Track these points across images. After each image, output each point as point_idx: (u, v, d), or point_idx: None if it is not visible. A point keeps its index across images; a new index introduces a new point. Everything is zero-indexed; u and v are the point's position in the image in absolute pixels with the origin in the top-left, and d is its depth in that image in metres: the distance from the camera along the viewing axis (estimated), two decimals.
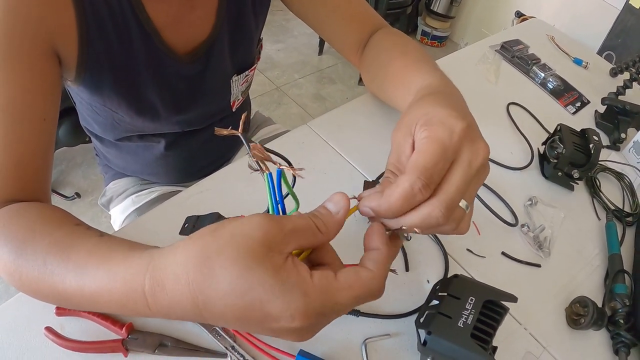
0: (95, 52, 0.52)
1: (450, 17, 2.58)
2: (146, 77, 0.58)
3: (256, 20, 0.67)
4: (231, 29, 0.63)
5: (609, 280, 0.58)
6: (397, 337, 0.47)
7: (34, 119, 0.47)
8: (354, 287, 0.30)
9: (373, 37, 0.67)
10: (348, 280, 0.30)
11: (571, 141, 0.66)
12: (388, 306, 0.49)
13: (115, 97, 0.58)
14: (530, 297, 0.54)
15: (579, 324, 0.52)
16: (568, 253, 0.60)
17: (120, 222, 0.85)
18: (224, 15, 0.61)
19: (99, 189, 1.74)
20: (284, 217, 0.31)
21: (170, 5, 0.55)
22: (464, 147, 0.34)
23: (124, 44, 0.53)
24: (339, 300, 0.30)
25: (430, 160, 0.32)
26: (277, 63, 2.41)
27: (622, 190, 0.73)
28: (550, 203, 0.65)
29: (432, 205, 0.32)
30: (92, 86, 0.56)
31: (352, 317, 0.47)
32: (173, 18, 0.56)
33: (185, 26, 0.58)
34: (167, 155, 0.77)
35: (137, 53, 0.55)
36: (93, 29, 0.50)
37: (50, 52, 0.48)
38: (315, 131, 0.65)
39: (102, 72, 0.54)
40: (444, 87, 0.47)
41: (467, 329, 0.38)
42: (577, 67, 0.96)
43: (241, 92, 0.75)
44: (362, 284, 0.31)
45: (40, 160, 0.49)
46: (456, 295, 0.40)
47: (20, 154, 0.46)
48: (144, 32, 0.54)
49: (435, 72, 0.53)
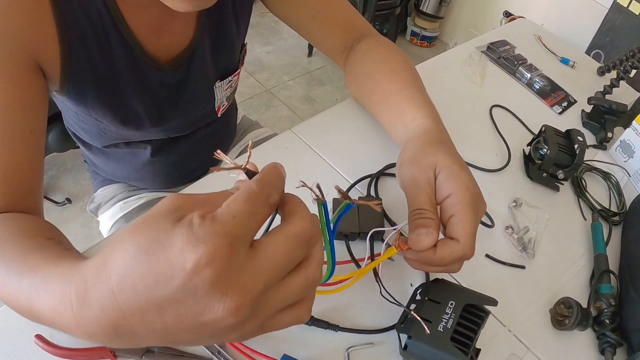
0: (78, 64, 0.52)
1: (439, 17, 2.59)
2: (129, 87, 0.58)
3: (237, 25, 0.67)
4: (212, 35, 0.63)
5: (595, 280, 0.58)
6: (381, 345, 0.46)
7: (20, 132, 0.47)
8: (237, 196, 0.27)
9: (360, 46, 0.67)
10: (229, 198, 0.27)
11: (555, 142, 0.66)
12: (371, 318, 0.48)
13: (100, 108, 0.58)
14: (515, 299, 0.54)
15: (564, 325, 0.52)
16: (553, 254, 0.60)
17: (108, 228, 0.85)
18: (204, 22, 0.61)
19: (90, 194, 1.72)
20: (199, 194, 0.29)
21: (150, 14, 0.55)
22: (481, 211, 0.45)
23: (105, 55, 0.53)
24: (232, 211, 0.26)
25: (473, 229, 0.42)
26: (266, 65, 2.41)
27: (608, 190, 0.73)
28: (535, 204, 0.65)
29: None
30: (76, 97, 0.56)
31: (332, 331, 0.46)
32: (154, 27, 0.56)
33: (167, 34, 0.58)
34: (153, 161, 0.77)
35: (119, 63, 0.55)
36: (74, 41, 0.50)
37: (33, 65, 0.48)
38: (300, 136, 0.65)
39: (85, 84, 0.54)
40: (438, 129, 0.54)
41: (447, 333, 0.38)
42: (564, 66, 0.96)
43: (226, 97, 0.74)
44: (241, 191, 0.27)
45: (29, 172, 0.49)
46: (436, 299, 0.40)
47: (6, 167, 0.46)
48: (125, 43, 0.54)
49: (426, 104, 0.57)
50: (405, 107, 0.57)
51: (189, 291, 0.25)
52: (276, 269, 0.27)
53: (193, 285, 0.25)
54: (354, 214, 0.52)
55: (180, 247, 0.25)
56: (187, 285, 0.25)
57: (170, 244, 0.25)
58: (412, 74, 0.62)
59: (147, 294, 0.25)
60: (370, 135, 0.67)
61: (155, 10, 0.55)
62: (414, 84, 0.60)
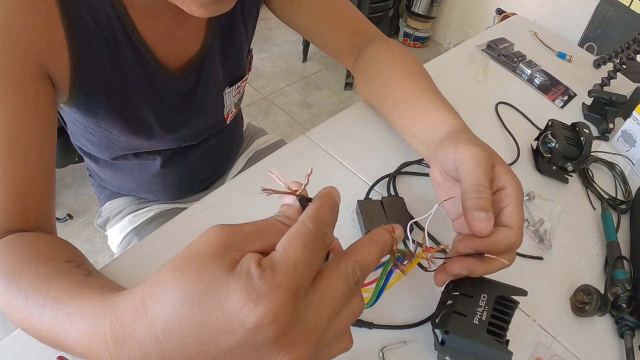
0: (88, 73, 0.51)
1: (431, 17, 2.62)
2: (140, 95, 0.58)
3: (246, 29, 0.67)
4: (222, 40, 0.63)
5: (609, 267, 0.59)
6: (414, 343, 0.48)
7: (31, 144, 0.46)
8: (294, 239, 0.26)
9: (370, 49, 0.68)
10: (284, 241, 0.26)
11: (563, 135, 0.68)
12: (402, 314, 0.50)
13: (110, 117, 0.58)
14: (536, 290, 0.55)
15: (584, 312, 0.53)
16: (568, 244, 0.62)
17: (118, 242, 0.84)
18: (214, 27, 0.60)
19: (91, 209, 1.72)
20: (244, 223, 0.28)
21: (161, 20, 0.54)
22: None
23: (116, 62, 0.53)
24: (293, 259, 0.25)
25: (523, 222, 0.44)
26: (262, 72, 2.42)
27: (614, 179, 0.75)
28: (547, 197, 0.67)
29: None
30: (86, 107, 0.55)
31: (366, 329, 0.47)
32: (164, 33, 0.55)
33: (177, 41, 0.57)
34: (163, 172, 0.76)
35: (129, 71, 0.54)
36: (84, 49, 0.49)
37: (42, 75, 0.47)
38: (315, 141, 0.67)
39: (96, 93, 0.53)
40: (467, 126, 0.55)
41: (483, 325, 0.39)
42: (562, 60, 0.99)
43: (234, 103, 0.75)
44: (297, 232, 0.26)
45: (41, 186, 0.47)
46: (469, 293, 0.42)
47: (19, 181, 0.45)
48: (136, 50, 0.53)
49: (451, 107, 0.58)
50: (433, 107, 0.57)
51: (249, 347, 0.24)
52: (333, 311, 0.27)
53: (254, 342, 0.24)
54: (380, 210, 0.53)
55: (240, 303, 0.23)
56: (247, 342, 0.24)
57: (227, 298, 0.24)
58: (426, 76, 0.63)
59: (200, 346, 0.25)
60: (382, 136, 0.69)
61: (166, 17, 0.54)
62: (433, 87, 0.61)
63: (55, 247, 0.44)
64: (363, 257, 0.29)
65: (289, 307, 0.24)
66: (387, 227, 0.32)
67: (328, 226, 0.28)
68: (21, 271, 0.39)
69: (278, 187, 0.30)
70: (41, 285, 0.36)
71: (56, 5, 0.45)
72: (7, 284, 0.38)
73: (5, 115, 0.43)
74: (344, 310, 0.28)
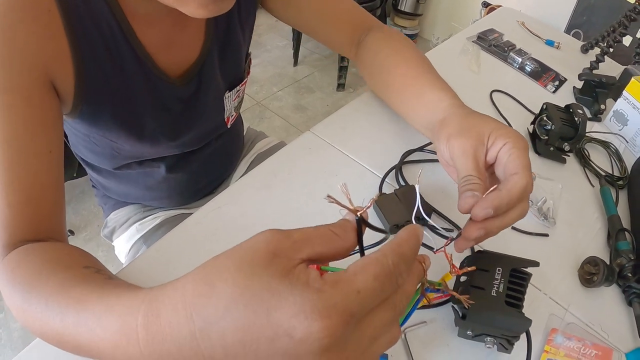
0: (92, 82, 0.51)
1: (418, 14, 2.65)
2: (143, 103, 0.58)
3: (243, 33, 0.68)
4: (220, 46, 0.64)
5: (612, 239, 0.62)
6: (433, 322, 0.49)
7: (41, 153, 0.46)
8: (368, 267, 0.26)
9: (369, 39, 0.69)
10: (357, 264, 0.26)
11: (558, 117, 0.71)
12: None
13: (115, 127, 0.58)
14: (545, 265, 0.57)
15: (592, 282, 0.55)
16: (571, 220, 0.64)
17: (126, 251, 0.84)
18: (212, 33, 0.61)
19: (92, 224, 1.72)
20: (294, 229, 0.28)
21: (161, 28, 0.55)
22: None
23: (118, 71, 0.53)
24: (358, 285, 0.25)
25: (529, 164, 0.45)
26: (254, 78, 2.44)
27: (609, 157, 0.77)
28: (547, 177, 0.69)
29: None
30: (90, 117, 0.55)
31: None
32: (164, 41, 0.56)
33: (177, 48, 0.58)
34: (168, 178, 0.77)
35: (132, 80, 0.55)
36: (88, 59, 0.49)
37: (48, 84, 0.47)
38: (320, 136, 0.68)
39: (100, 102, 0.54)
40: (466, 106, 0.55)
41: (501, 297, 0.41)
42: (550, 48, 1.02)
43: (234, 107, 0.76)
44: (374, 261, 0.26)
45: (52, 194, 0.48)
46: (484, 268, 0.43)
47: (31, 189, 0.45)
48: (138, 58, 0.54)
49: (447, 86, 0.59)
50: (427, 90, 0.59)
51: (290, 357, 0.24)
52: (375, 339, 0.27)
53: (296, 352, 0.24)
54: (396, 202, 0.55)
55: (291, 312, 0.23)
56: (289, 352, 0.24)
57: (276, 305, 0.24)
58: (424, 60, 0.64)
59: (238, 348, 0.25)
60: (387, 127, 0.71)
61: (165, 24, 0.55)
62: (430, 70, 0.62)
63: (72, 254, 0.44)
64: (408, 290, 0.29)
65: (338, 329, 0.24)
66: (419, 257, 0.31)
67: (406, 265, 0.28)
68: (40, 279, 0.39)
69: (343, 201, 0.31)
70: (62, 290, 0.37)
71: (59, 15, 0.45)
72: (25, 292, 0.39)
73: (15, 125, 0.44)
74: (382, 337, 0.28)
